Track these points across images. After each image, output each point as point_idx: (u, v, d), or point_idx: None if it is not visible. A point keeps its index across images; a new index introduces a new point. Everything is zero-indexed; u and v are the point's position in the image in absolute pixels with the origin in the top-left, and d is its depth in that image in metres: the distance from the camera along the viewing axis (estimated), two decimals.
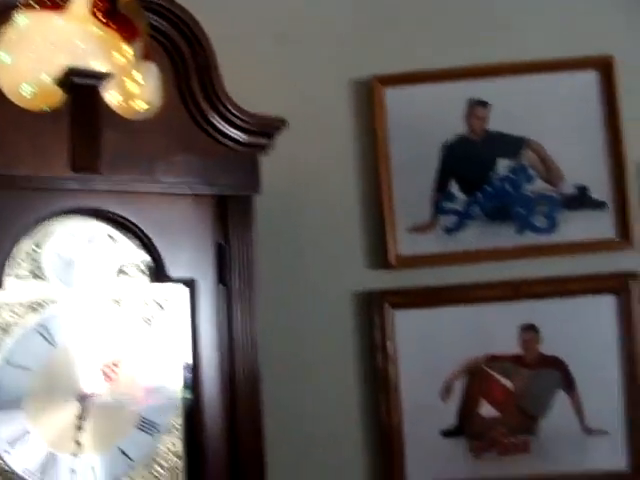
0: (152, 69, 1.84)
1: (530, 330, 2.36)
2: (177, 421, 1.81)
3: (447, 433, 2.36)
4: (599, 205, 2.39)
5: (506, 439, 2.35)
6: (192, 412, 1.81)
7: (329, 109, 2.45)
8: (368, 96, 2.42)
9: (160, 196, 1.79)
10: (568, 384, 2.35)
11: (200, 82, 1.83)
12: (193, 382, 1.82)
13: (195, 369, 1.82)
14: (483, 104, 2.42)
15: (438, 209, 2.40)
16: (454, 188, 2.41)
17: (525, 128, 2.41)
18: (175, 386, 1.82)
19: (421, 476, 2.35)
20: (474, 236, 2.39)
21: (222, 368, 1.84)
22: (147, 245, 1.78)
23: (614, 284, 2.37)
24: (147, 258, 1.80)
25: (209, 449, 1.81)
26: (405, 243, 2.38)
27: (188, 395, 1.82)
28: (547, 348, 2.36)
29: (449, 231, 2.39)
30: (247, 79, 2.29)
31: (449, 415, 2.36)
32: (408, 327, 2.36)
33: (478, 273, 2.37)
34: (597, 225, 2.39)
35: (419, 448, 2.35)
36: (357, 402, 2.39)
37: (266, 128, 1.89)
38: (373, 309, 2.37)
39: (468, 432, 2.36)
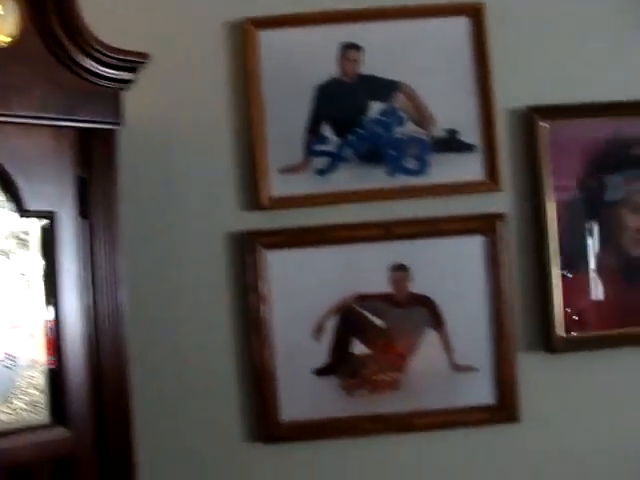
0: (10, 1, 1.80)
1: (400, 269, 2.41)
2: (39, 355, 1.79)
3: (319, 372, 2.40)
4: (468, 148, 2.44)
5: (377, 376, 2.40)
6: (54, 346, 1.80)
7: (202, 50, 2.42)
8: (242, 38, 2.40)
9: (18, 128, 1.75)
10: (437, 322, 2.41)
11: (57, 13, 1.79)
12: (55, 316, 1.80)
13: (57, 303, 1.80)
14: (356, 47, 2.43)
15: (310, 151, 2.41)
16: (326, 130, 2.42)
17: (397, 72, 2.44)
18: (37, 319, 1.80)
19: (294, 415, 2.38)
20: (346, 178, 2.41)
21: (85, 302, 1.84)
22: (4, 177, 1.74)
23: (482, 225, 2.42)
24: (4, 190, 1.76)
25: (72, 383, 1.80)
26: (277, 184, 2.39)
27: (50, 328, 1.80)
28: (417, 287, 2.41)
29: (321, 172, 2.41)
30: (118, 19, 2.31)
31: (321, 354, 2.40)
32: (280, 267, 2.38)
33: (350, 214, 2.40)
34: (466, 167, 2.44)
35: (292, 387, 2.38)
36: (229, 343, 2.40)
37: (127, 62, 1.87)
38: (245, 250, 2.37)
39: (340, 370, 2.40)
